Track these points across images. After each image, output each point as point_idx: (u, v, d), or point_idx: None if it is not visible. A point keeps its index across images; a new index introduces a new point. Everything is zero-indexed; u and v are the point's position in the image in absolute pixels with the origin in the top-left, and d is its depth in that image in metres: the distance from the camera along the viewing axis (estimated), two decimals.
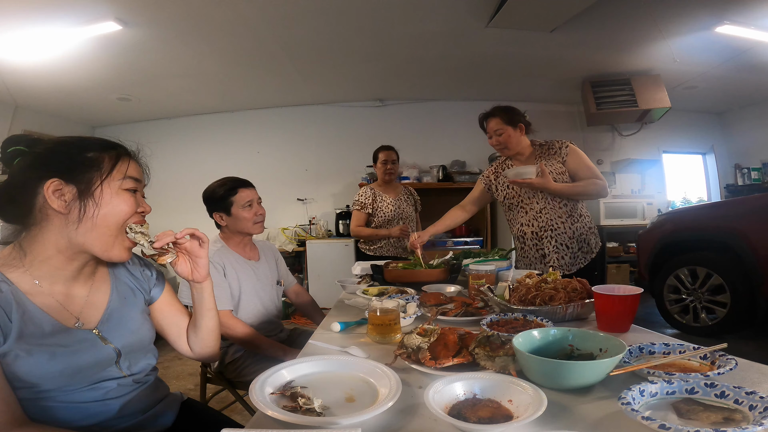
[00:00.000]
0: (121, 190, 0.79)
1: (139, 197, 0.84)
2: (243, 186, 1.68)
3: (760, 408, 0.57)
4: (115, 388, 0.84)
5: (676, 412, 0.61)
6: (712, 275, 3.06)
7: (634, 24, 3.32)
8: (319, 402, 0.68)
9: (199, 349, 1.03)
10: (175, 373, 2.85)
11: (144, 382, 0.94)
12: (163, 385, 1.06)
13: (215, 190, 1.66)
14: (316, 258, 4.75)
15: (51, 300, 0.78)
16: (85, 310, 0.84)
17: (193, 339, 1.03)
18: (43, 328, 0.76)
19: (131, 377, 0.90)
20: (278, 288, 1.85)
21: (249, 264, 1.71)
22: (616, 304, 1.05)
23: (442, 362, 0.81)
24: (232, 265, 1.63)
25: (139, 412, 0.92)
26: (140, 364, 0.92)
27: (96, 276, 0.88)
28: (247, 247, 1.76)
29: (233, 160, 5.31)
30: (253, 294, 1.67)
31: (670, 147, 5.34)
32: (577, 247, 1.91)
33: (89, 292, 0.86)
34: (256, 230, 1.69)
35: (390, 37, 3.50)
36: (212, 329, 1.02)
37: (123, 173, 0.80)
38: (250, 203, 1.66)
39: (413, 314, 1.21)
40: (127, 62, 3.61)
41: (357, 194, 2.77)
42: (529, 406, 0.61)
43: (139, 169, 0.86)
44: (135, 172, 0.83)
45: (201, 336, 1.02)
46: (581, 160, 1.89)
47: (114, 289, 0.90)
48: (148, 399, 0.95)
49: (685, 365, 0.79)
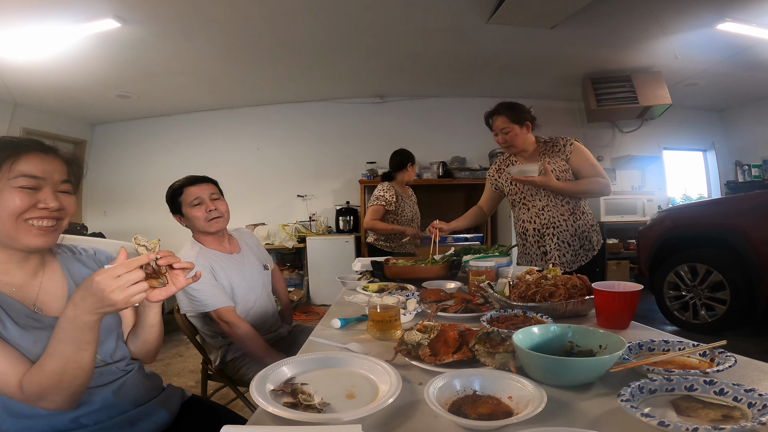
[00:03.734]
0: (10, 188, 0.80)
1: (45, 193, 0.83)
2: (191, 184, 1.58)
3: (759, 405, 0.57)
4: (98, 377, 0.88)
5: (675, 409, 0.61)
6: (712, 272, 3.06)
7: (636, 21, 3.31)
8: (320, 398, 0.68)
9: (135, 353, 1.04)
10: (176, 370, 2.86)
11: (128, 371, 0.97)
12: (156, 377, 1.08)
13: (167, 194, 1.59)
14: (316, 254, 4.76)
15: (9, 289, 0.84)
16: (41, 296, 0.89)
17: (130, 342, 1.04)
18: (17, 310, 0.82)
19: (114, 364, 0.94)
20: (267, 273, 1.80)
21: (233, 258, 1.66)
22: (616, 300, 1.05)
23: (441, 359, 0.81)
24: (217, 263, 1.58)
25: (130, 403, 0.94)
26: (119, 351, 0.97)
27: (46, 267, 0.93)
28: (224, 241, 1.69)
29: (233, 157, 5.31)
30: (245, 288, 1.64)
31: (670, 144, 5.34)
32: (579, 244, 1.91)
33: (42, 280, 0.91)
34: (212, 227, 1.58)
35: (390, 33, 3.50)
36: (149, 342, 1.02)
37: (16, 172, 0.81)
38: (198, 200, 1.56)
39: (413, 311, 1.22)
40: (126, 59, 3.60)
41: (380, 189, 2.80)
42: (529, 402, 0.61)
43: (47, 165, 0.85)
44: (33, 169, 0.82)
45: (137, 345, 1.03)
46: (585, 157, 1.89)
47: (69, 279, 0.95)
48: (138, 390, 0.97)
49: (684, 362, 0.79)
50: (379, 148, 5.19)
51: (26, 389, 0.75)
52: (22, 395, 0.75)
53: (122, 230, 5.05)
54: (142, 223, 5.11)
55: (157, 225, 1.46)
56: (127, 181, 5.30)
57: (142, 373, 1.02)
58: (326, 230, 5.06)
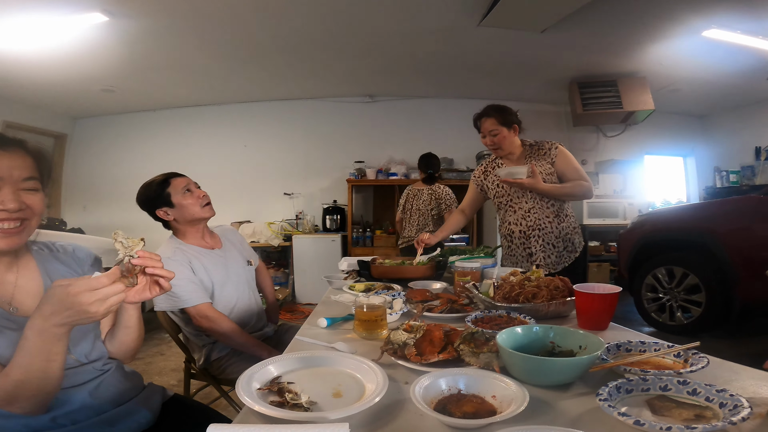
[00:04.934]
0: None
1: (4, 193, 0.78)
2: (173, 176, 1.61)
3: (729, 406, 0.59)
4: (73, 377, 0.86)
5: (650, 408, 0.63)
6: (689, 275, 3.15)
7: (624, 26, 3.36)
8: (307, 397, 0.68)
9: (113, 353, 1.02)
10: (158, 369, 2.82)
11: (106, 370, 0.95)
12: (136, 375, 1.06)
13: (147, 190, 1.58)
14: (302, 253, 4.74)
15: None
16: (17, 295, 0.85)
17: (108, 342, 1.01)
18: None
19: (90, 364, 0.92)
20: (250, 269, 1.79)
21: (214, 254, 1.64)
22: (596, 302, 1.08)
23: (427, 358, 0.82)
24: (197, 258, 1.56)
25: (109, 403, 0.92)
26: (95, 352, 0.94)
27: (20, 262, 0.89)
28: (205, 236, 1.67)
29: (219, 153, 5.25)
30: (226, 283, 1.62)
31: (652, 149, 5.47)
32: (563, 246, 1.95)
33: (17, 277, 0.87)
34: (206, 213, 1.61)
35: (381, 33, 3.50)
36: (126, 343, 1.00)
37: None
38: (187, 188, 1.59)
39: (399, 310, 1.23)
40: (113, 53, 3.53)
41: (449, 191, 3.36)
42: (512, 401, 0.63)
43: (5, 162, 0.80)
44: None
45: (115, 345, 1.00)
46: (569, 161, 1.93)
47: (45, 277, 0.91)
48: (116, 389, 0.95)
49: (659, 363, 0.82)
50: (368, 148, 5.21)
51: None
52: None
53: (102, 226, 4.94)
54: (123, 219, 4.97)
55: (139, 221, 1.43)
56: (108, 176, 5.18)
57: (120, 372, 1.00)
58: (313, 229, 5.04)
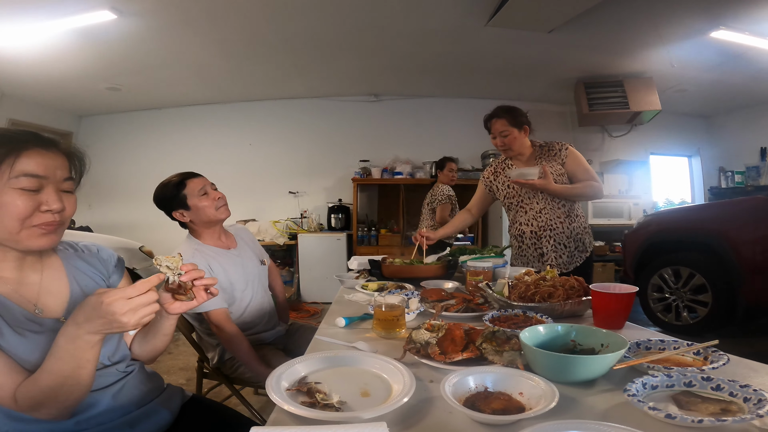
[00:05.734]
0: (10, 189, 0.74)
1: (48, 193, 0.78)
2: (189, 177, 1.60)
3: (754, 400, 0.61)
4: (97, 379, 0.84)
5: (676, 403, 0.65)
6: (695, 275, 3.16)
7: (632, 27, 3.36)
8: (337, 397, 0.69)
9: (138, 355, 1.01)
10: (166, 367, 2.83)
11: (129, 372, 0.94)
12: (157, 376, 1.05)
13: (164, 190, 1.58)
14: (308, 252, 4.75)
15: (7, 288, 0.79)
16: (42, 297, 0.83)
17: (136, 346, 1.01)
18: (15, 314, 0.77)
19: (113, 366, 0.91)
20: (263, 268, 1.80)
21: (230, 254, 1.66)
22: (613, 302, 1.09)
23: (451, 357, 0.84)
24: (215, 259, 1.57)
25: (132, 404, 0.92)
26: (119, 353, 0.93)
27: (45, 262, 0.87)
28: (222, 236, 1.68)
29: (224, 151, 5.26)
30: (243, 283, 1.63)
31: (657, 149, 5.47)
32: (574, 246, 1.96)
33: (42, 277, 0.85)
34: (222, 215, 1.61)
35: (388, 32, 3.51)
36: (158, 348, 0.99)
37: (18, 171, 0.75)
38: (204, 190, 1.58)
39: (416, 310, 1.24)
40: (119, 51, 3.54)
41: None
42: (541, 398, 0.64)
43: (49, 162, 0.78)
44: (36, 168, 0.76)
45: (146, 350, 1.00)
46: (579, 162, 1.95)
47: (71, 278, 0.90)
48: (139, 391, 0.95)
49: (680, 360, 0.83)
50: (373, 147, 5.22)
51: (20, 401, 0.72)
52: (16, 406, 0.72)
53: (108, 224, 4.97)
54: (128, 218, 5.03)
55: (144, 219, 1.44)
56: (114, 174, 5.19)
57: (143, 373, 0.99)
58: (318, 228, 5.05)
